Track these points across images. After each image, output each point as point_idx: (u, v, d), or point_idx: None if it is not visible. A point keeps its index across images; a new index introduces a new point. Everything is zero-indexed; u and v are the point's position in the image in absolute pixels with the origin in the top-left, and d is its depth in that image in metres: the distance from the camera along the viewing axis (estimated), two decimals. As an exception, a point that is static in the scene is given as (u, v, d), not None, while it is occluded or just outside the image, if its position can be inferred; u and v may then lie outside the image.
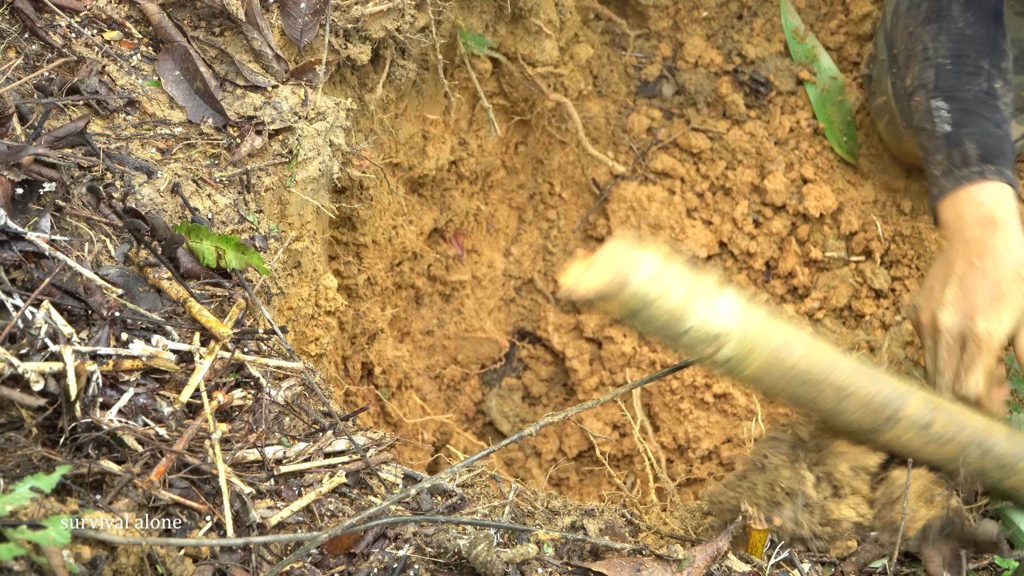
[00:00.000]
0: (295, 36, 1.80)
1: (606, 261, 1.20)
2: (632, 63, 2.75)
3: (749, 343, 1.25)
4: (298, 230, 1.77)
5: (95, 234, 1.47)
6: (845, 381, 1.32)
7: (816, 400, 1.33)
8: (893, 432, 1.37)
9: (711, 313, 1.22)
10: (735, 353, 1.25)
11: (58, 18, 1.64)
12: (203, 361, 1.39)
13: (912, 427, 1.37)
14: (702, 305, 1.22)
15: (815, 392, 1.32)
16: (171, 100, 1.66)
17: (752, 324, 1.25)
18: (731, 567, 1.34)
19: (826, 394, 1.32)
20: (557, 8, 2.45)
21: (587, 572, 1.30)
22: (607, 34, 2.73)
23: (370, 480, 1.40)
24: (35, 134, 1.49)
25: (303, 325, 1.84)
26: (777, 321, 1.29)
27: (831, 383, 1.31)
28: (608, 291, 1.19)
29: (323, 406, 1.50)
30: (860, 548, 1.40)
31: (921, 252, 2.50)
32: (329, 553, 1.28)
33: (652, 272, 1.19)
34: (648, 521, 1.47)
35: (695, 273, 1.24)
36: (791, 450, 1.43)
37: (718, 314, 1.23)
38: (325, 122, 1.74)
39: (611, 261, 1.20)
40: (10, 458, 1.18)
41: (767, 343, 1.26)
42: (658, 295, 1.19)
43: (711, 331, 1.23)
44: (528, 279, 2.74)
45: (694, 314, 1.22)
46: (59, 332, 1.28)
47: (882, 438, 1.38)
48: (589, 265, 1.21)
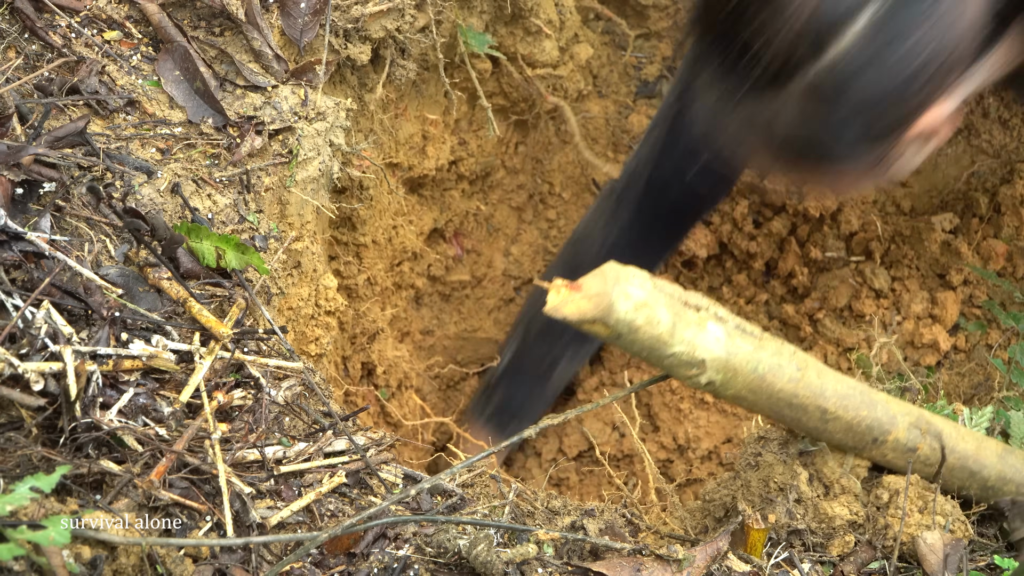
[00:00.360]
0: (295, 36, 1.80)
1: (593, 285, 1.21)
2: (632, 63, 2.75)
3: (733, 368, 1.27)
4: (298, 230, 1.77)
5: (95, 234, 1.47)
6: (832, 405, 1.33)
7: (801, 420, 1.35)
8: (879, 451, 1.39)
9: (696, 340, 1.24)
10: (717, 377, 1.27)
11: (58, 18, 1.64)
12: (203, 361, 1.39)
13: (897, 449, 1.39)
14: (688, 333, 1.24)
15: (800, 413, 1.33)
16: (171, 100, 1.66)
17: (738, 350, 1.27)
18: (731, 567, 1.34)
19: (811, 416, 1.34)
20: (557, 8, 2.45)
21: (587, 572, 1.30)
22: (607, 34, 2.73)
23: (370, 480, 1.40)
24: (35, 134, 1.49)
25: (303, 325, 1.84)
26: (769, 345, 1.30)
27: (817, 406, 1.33)
28: (592, 316, 1.21)
29: (323, 406, 1.50)
30: (858, 548, 1.40)
31: (921, 252, 2.50)
32: (329, 553, 1.28)
33: (638, 300, 1.21)
34: (648, 521, 1.47)
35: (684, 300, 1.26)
36: (781, 447, 1.44)
37: (704, 341, 1.25)
38: (325, 122, 1.74)
39: (598, 286, 1.21)
40: (10, 458, 1.18)
41: (753, 368, 1.28)
42: (643, 323, 1.21)
43: (695, 357, 1.25)
44: (528, 279, 2.74)
45: (679, 341, 1.23)
46: (59, 332, 1.28)
47: (867, 455, 1.40)
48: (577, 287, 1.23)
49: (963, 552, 1.39)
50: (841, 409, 1.33)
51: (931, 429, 1.39)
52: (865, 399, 1.35)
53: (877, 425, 1.36)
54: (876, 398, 1.37)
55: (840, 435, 1.36)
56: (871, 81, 1.39)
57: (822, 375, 1.33)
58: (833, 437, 1.37)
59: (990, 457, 1.44)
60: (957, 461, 1.41)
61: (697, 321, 1.25)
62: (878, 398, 1.37)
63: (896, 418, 1.37)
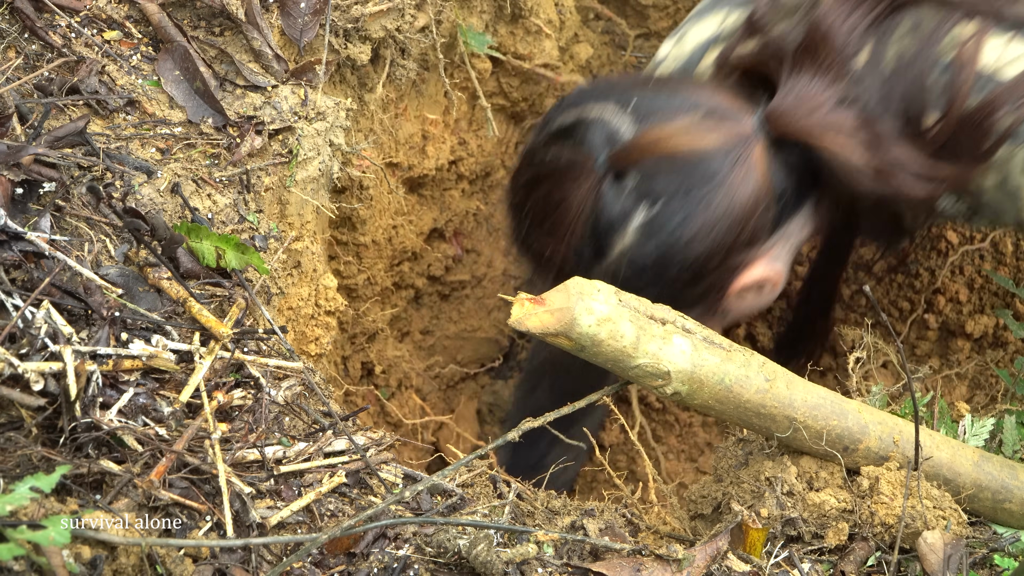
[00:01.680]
0: (295, 36, 1.80)
1: (557, 300, 1.23)
2: (632, 63, 2.75)
3: (699, 379, 1.28)
4: (298, 230, 1.77)
5: (95, 234, 1.47)
6: (801, 415, 1.35)
7: (770, 429, 1.37)
8: (850, 459, 1.41)
9: (661, 352, 1.26)
10: (683, 388, 1.29)
11: (58, 18, 1.64)
12: (203, 361, 1.39)
13: (869, 458, 1.41)
14: (652, 346, 1.26)
15: (769, 423, 1.35)
16: (171, 100, 1.66)
17: (704, 362, 1.28)
18: (731, 567, 1.34)
19: (781, 425, 1.36)
20: (557, 8, 2.45)
21: (587, 572, 1.30)
22: (607, 34, 2.73)
23: (370, 480, 1.40)
24: (35, 134, 1.49)
25: (303, 325, 1.84)
26: (736, 357, 1.31)
27: (786, 416, 1.34)
28: (556, 330, 1.23)
29: (323, 406, 1.50)
30: (855, 545, 1.40)
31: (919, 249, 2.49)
32: (329, 553, 1.28)
33: (602, 315, 1.23)
34: (648, 521, 1.47)
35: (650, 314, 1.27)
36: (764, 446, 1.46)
37: (668, 353, 1.27)
38: (325, 122, 1.74)
39: (562, 300, 1.23)
40: (10, 458, 1.18)
41: (720, 380, 1.30)
42: (606, 337, 1.23)
43: (660, 368, 1.26)
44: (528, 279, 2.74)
45: (643, 354, 1.26)
46: (59, 332, 1.28)
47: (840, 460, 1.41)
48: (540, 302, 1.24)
49: (963, 552, 1.39)
50: (811, 419, 1.36)
51: (904, 438, 1.41)
52: (836, 409, 1.37)
53: (848, 434, 1.38)
54: (847, 407, 1.39)
55: (811, 443, 1.38)
56: (663, 263, 1.59)
57: (791, 386, 1.35)
58: (804, 445, 1.39)
59: (965, 465, 1.45)
60: (931, 469, 1.43)
61: (662, 334, 1.27)
62: (849, 407, 1.39)
63: (868, 427, 1.39)
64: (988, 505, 1.47)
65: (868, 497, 1.40)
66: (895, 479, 1.40)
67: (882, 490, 1.39)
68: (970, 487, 1.45)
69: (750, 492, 1.42)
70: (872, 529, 1.40)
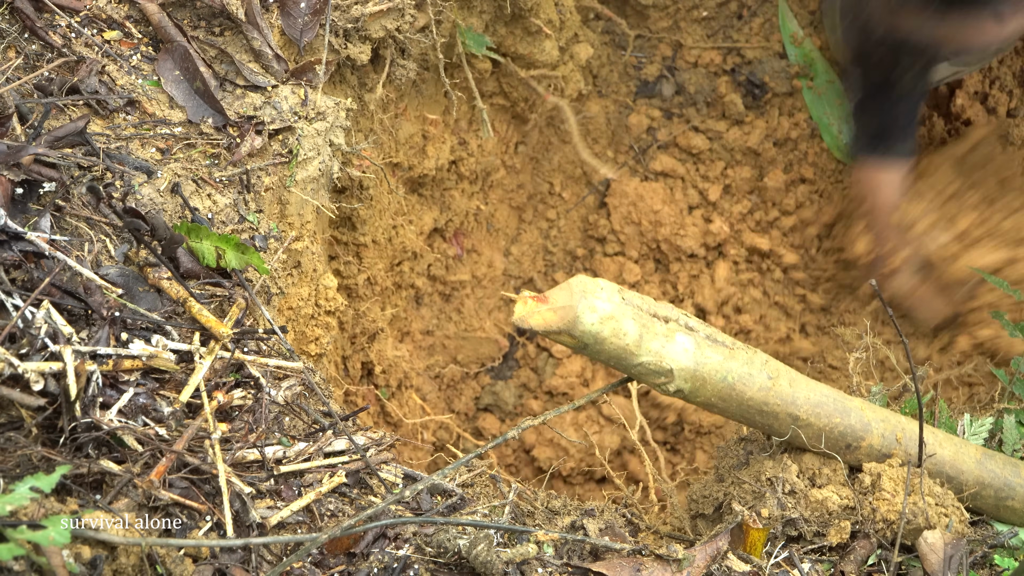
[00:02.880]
0: (295, 36, 1.80)
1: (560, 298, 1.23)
2: (632, 63, 2.75)
3: (702, 377, 1.29)
4: (298, 230, 1.77)
5: (95, 234, 1.47)
6: (804, 412, 1.35)
7: (773, 427, 1.37)
8: (853, 456, 1.42)
9: (664, 350, 1.27)
10: (686, 386, 1.29)
11: (58, 18, 1.64)
12: (203, 361, 1.39)
13: (871, 455, 1.42)
14: (655, 344, 1.26)
15: (772, 420, 1.36)
16: (171, 100, 1.66)
17: (707, 360, 1.29)
18: (731, 567, 1.34)
19: (783, 422, 1.36)
20: (557, 8, 2.45)
21: (587, 572, 1.30)
22: (607, 34, 2.72)
23: (370, 480, 1.40)
24: (35, 134, 1.49)
25: (303, 325, 1.83)
26: (740, 355, 1.31)
27: (789, 413, 1.35)
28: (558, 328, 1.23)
29: (323, 406, 1.50)
30: (856, 543, 1.40)
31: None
32: (329, 553, 1.28)
33: (604, 313, 1.23)
34: (648, 521, 1.47)
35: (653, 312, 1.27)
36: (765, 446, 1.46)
37: (671, 351, 1.27)
38: (325, 122, 1.74)
39: (565, 299, 1.23)
40: (10, 458, 1.18)
41: (723, 377, 1.30)
42: (609, 335, 1.23)
43: (663, 366, 1.27)
44: (528, 279, 2.74)
45: (646, 352, 1.26)
46: (59, 332, 1.28)
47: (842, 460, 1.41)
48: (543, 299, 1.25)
49: (964, 552, 1.39)
50: (813, 416, 1.36)
51: (907, 436, 1.41)
52: (839, 406, 1.38)
53: (851, 432, 1.39)
54: (850, 405, 1.39)
55: (813, 440, 1.38)
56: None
57: (794, 384, 1.35)
58: (806, 443, 1.39)
59: (968, 463, 1.46)
60: (934, 466, 1.43)
61: (665, 332, 1.27)
62: (852, 405, 1.39)
63: (870, 425, 1.39)
64: (991, 503, 1.47)
65: (870, 493, 1.40)
66: (897, 476, 1.40)
67: (884, 487, 1.40)
68: (973, 485, 1.45)
69: (751, 492, 1.42)
70: (874, 525, 1.40)
